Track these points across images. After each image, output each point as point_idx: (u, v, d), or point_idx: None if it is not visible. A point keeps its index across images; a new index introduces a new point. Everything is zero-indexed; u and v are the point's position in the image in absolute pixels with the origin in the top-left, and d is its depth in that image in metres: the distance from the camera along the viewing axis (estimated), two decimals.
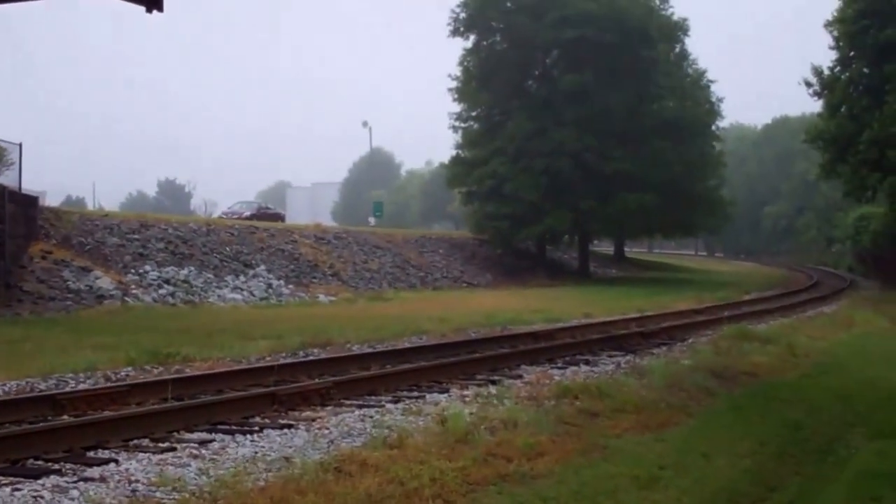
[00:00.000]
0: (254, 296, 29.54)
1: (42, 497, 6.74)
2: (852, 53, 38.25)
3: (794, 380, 14.44)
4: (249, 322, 21.59)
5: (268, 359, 14.87)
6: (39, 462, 7.87)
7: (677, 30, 53.99)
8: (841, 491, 8.04)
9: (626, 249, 70.60)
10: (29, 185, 29.61)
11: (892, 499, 7.55)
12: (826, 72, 39.03)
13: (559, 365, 14.59)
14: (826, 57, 58.77)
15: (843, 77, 38.50)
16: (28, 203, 27.01)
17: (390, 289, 36.02)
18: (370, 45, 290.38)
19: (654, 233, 60.75)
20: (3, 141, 27.20)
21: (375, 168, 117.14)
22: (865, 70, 37.83)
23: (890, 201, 38.46)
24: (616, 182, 46.97)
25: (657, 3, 52.96)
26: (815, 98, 40.22)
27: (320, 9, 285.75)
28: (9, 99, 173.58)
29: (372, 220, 54.47)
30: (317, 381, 11.88)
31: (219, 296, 28.41)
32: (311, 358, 14.90)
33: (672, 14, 53.57)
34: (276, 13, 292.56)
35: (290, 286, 31.95)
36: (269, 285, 31.03)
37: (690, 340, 18.51)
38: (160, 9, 20.10)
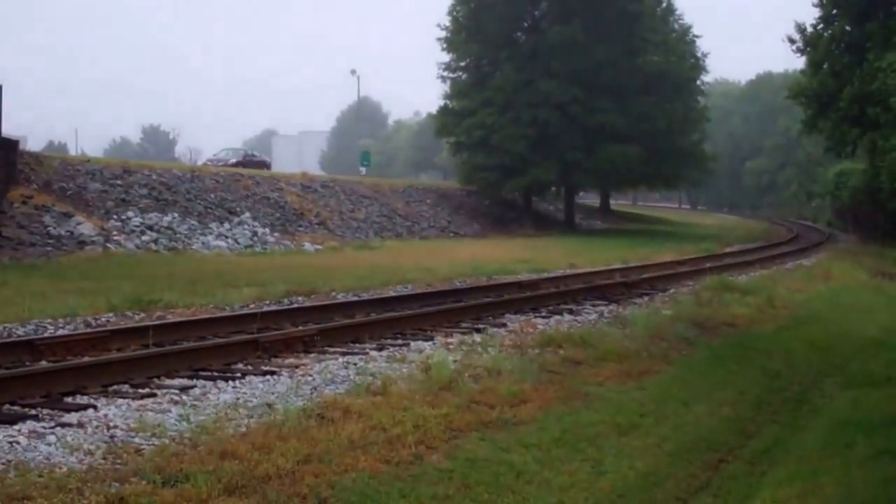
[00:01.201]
0: (238, 243, 29.43)
1: (18, 442, 6.67)
2: (835, 11, 38.17)
3: (773, 330, 14.59)
4: (233, 270, 21.52)
5: (251, 306, 14.81)
6: (16, 407, 7.77)
7: None
8: (816, 438, 8.16)
9: (611, 202, 70.76)
10: (9, 130, 29.18)
11: (864, 445, 7.65)
12: (809, 29, 38.99)
13: (543, 314, 14.64)
14: (810, 14, 58.68)
15: (825, 34, 38.43)
16: (8, 147, 26.66)
17: (377, 238, 35.97)
18: None
19: (638, 184, 61.12)
20: None
21: (363, 117, 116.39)
22: (847, 28, 37.78)
23: (869, 157, 38.72)
24: (602, 134, 47.02)
25: None
26: (799, 55, 40.24)
27: None
28: None
29: (363, 169, 54.09)
30: (300, 328, 11.87)
31: (203, 243, 28.28)
32: (295, 306, 14.91)
33: None
34: None
35: (276, 234, 31.84)
36: (255, 233, 30.91)
37: (672, 291, 18.62)
38: None
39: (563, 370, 10.14)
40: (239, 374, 9.35)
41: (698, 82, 58.66)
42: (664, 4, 56.23)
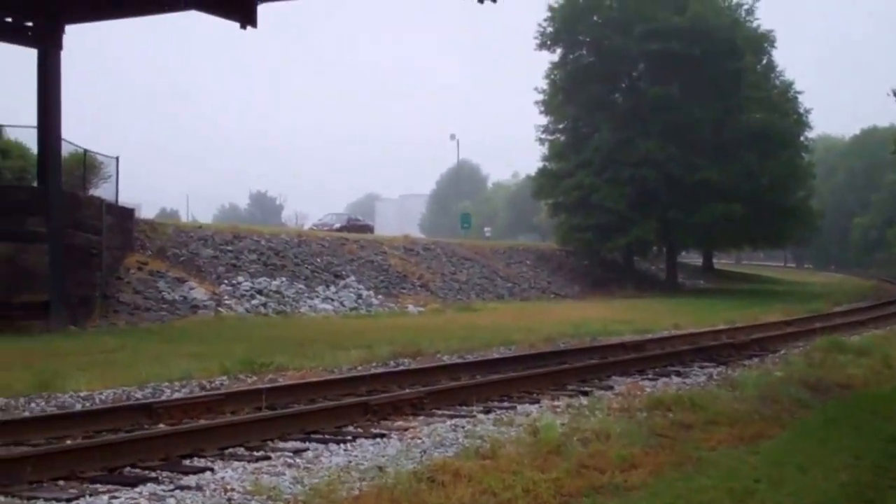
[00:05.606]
0: (344, 306, 29.93)
1: None
2: None
3: (890, 392, 14.06)
4: (340, 332, 21.87)
5: (359, 368, 15.04)
6: (136, 470, 8.00)
7: (763, 41, 53.44)
8: None
9: (714, 261, 69.57)
10: (124, 198, 30.47)
11: None
12: None
13: (650, 376, 14.48)
14: None
15: None
16: (125, 215, 27.85)
17: (478, 299, 36.11)
18: (458, 59, 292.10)
19: (741, 243, 59.82)
20: (100, 154, 27.99)
21: (462, 180, 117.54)
22: None
23: None
24: (702, 192, 46.52)
25: (743, 15, 52.49)
26: None
27: (403, 25, 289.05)
28: (106, 115, 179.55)
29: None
30: (408, 390, 11.99)
31: (310, 306, 28.86)
32: (401, 368, 15.07)
33: (758, 27, 53.16)
34: (357, 33, 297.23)
35: (380, 297, 32.29)
36: (359, 296, 31.41)
37: (782, 352, 18.16)
38: (254, 24, 20.80)
39: (673, 434, 9.98)
40: (350, 437, 9.47)
41: (802, 138, 57.49)
42: (764, 61, 55.59)
